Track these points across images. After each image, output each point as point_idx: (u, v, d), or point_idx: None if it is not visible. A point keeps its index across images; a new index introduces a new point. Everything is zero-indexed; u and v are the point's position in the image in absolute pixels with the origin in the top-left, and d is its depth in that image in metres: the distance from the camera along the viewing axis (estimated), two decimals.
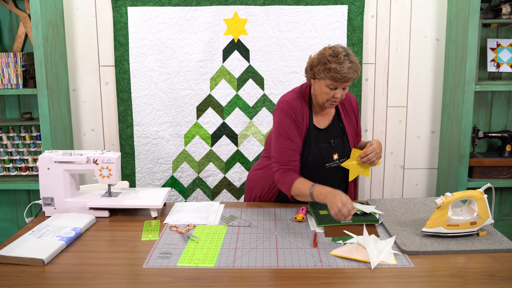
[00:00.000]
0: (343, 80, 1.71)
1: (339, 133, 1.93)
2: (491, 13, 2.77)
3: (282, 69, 2.96)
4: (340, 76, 1.70)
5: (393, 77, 3.04)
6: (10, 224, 3.13)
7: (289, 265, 1.42)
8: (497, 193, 3.08)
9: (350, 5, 2.90)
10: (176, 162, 3.07)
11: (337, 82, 1.73)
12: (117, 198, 1.87)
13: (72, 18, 2.97)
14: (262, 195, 2.04)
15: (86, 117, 3.09)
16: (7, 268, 1.42)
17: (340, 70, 1.69)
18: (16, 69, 2.74)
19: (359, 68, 1.76)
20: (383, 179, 3.17)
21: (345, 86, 1.76)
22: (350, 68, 1.70)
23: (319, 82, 1.78)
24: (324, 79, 1.75)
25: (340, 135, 1.94)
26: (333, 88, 1.75)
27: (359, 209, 1.78)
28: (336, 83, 1.73)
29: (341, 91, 1.76)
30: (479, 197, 1.59)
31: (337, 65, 1.69)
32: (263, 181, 2.03)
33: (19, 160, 2.94)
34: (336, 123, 1.94)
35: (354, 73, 1.72)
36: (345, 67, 1.69)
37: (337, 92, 1.75)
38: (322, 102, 1.81)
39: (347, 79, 1.71)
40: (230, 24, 2.92)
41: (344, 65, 1.70)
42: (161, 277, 1.35)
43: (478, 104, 3.00)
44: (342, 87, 1.76)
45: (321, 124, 1.91)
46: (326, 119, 1.93)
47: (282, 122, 1.84)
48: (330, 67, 1.71)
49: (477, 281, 1.32)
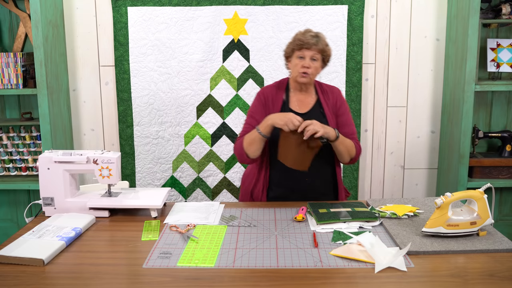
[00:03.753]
0: (306, 46, 1.92)
1: (319, 119, 1.96)
2: (491, 13, 2.77)
3: (282, 69, 2.96)
4: (302, 42, 1.93)
5: (393, 77, 3.04)
6: (10, 224, 3.13)
7: (289, 265, 1.42)
8: (497, 193, 3.08)
9: (350, 5, 2.90)
10: (176, 162, 3.07)
11: (302, 50, 1.93)
12: (117, 198, 1.87)
13: (72, 18, 2.97)
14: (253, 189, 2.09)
15: (86, 117, 3.09)
16: (7, 268, 1.42)
17: (302, 38, 1.94)
18: (16, 69, 2.74)
19: (326, 43, 1.97)
20: (383, 179, 3.17)
21: (312, 56, 1.93)
22: (312, 36, 1.93)
23: (291, 60, 2.00)
24: (293, 53, 1.97)
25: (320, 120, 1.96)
26: (301, 57, 1.95)
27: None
28: (301, 51, 1.94)
29: (309, 61, 1.94)
30: (479, 197, 1.59)
31: (300, 36, 1.96)
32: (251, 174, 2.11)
33: (19, 160, 2.94)
34: (317, 109, 2.04)
35: (318, 43, 1.93)
36: (307, 35, 1.94)
37: (305, 62, 1.94)
38: (295, 77, 1.98)
39: (309, 45, 1.92)
40: (230, 24, 2.92)
41: (307, 34, 1.95)
42: (161, 277, 1.35)
43: (478, 104, 3.00)
44: (308, 56, 1.94)
45: (302, 109, 2.04)
46: (306, 105, 2.05)
47: (252, 105, 2.08)
48: (295, 38, 1.98)
49: (477, 281, 1.32)
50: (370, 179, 3.17)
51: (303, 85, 2.02)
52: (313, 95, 2.07)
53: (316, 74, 1.99)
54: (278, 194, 2.05)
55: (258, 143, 1.92)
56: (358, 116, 3.01)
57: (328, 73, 2.95)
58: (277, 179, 2.05)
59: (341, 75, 2.96)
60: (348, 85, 2.97)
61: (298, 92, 2.06)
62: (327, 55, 1.99)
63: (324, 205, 1.84)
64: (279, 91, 2.06)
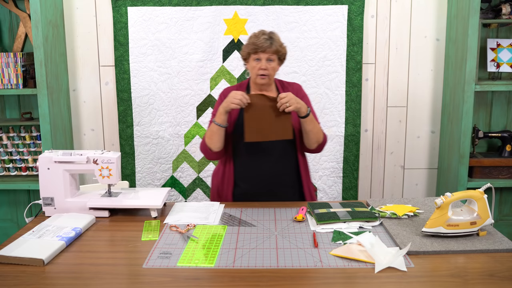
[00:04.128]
0: (260, 49, 1.96)
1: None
2: (491, 13, 2.77)
3: (282, 69, 2.94)
4: (257, 46, 1.96)
5: (393, 77, 3.04)
6: (10, 224, 3.13)
7: (289, 265, 1.42)
8: (497, 193, 3.08)
9: (350, 5, 2.90)
10: (176, 162, 3.07)
11: (257, 53, 1.97)
12: (117, 198, 1.86)
13: (72, 18, 2.97)
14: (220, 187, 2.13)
15: (86, 117, 3.09)
16: (7, 268, 1.42)
17: (256, 41, 1.98)
18: (16, 69, 2.74)
19: (280, 43, 2.02)
20: (383, 179, 3.17)
21: (268, 57, 1.98)
22: (266, 39, 1.97)
23: (249, 62, 2.04)
24: (250, 56, 2.01)
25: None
26: (257, 59, 1.99)
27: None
28: (257, 54, 1.98)
29: (265, 63, 1.98)
30: (479, 197, 1.59)
31: (254, 39, 2.00)
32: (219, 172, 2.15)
33: (19, 160, 2.94)
34: None
35: (272, 45, 1.97)
36: (261, 38, 1.97)
37: (262, 64, 1.98)
38: (254, 79, 2.03)
39: (263, 49, 1.96)
40: (230, 24, 2.92)
41: (260, 37, 1.98)
42: (161, 277, 1.35)
43: (478, 104, 3.00)
44: (264, 57, 1.98)
45: None
46: None
47: (215, 106, 2.11)
48: (249, 41, 2.02)
49: (477, 281, 1.32)
50: (370, 179, 3.17)
51: (263, 85, 2.07)
52: (274, 92, 2.12)
53: (274, 73, 2.05)
54: (245, 190, 2.08)
55: (217, 134, 1.97)
56: (358, 116, 3.01)
57: (328, 73, 2.96)
58: (241, 174, 2.08)
59: (341, 75, 2.96)
60: (348, 85, 2.97)
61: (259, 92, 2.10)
62: (282, 54, 2.05)
63: (324, 205, 1.84)
64: (240, 90, 2.10)
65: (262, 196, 2.03)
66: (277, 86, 2.14)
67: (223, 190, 2.12)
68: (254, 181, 2.07)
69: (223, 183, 2.12)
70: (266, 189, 2.06)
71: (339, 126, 3.02)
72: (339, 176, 3.08)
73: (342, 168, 3.07)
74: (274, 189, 2.07)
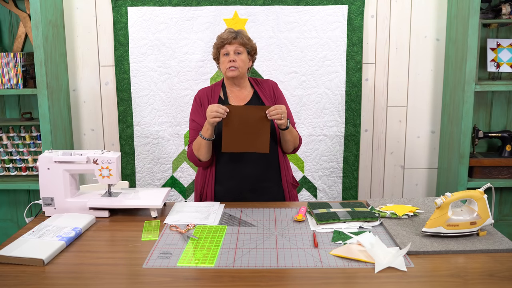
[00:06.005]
0: (226, 42, 2.03)
1: None
2: (491, 13, 2.77)
3: (282, 69, 2.96)
4: (223, 39, 2.04)
5: (393, 77, 3.04)
6: (10, 224, 3.13)
7: (289, 265, 1.42)
8: (497, 193, 3.08)
9: (350, 5, 2.90)
10: (176, 162, 3.07)
11: (225, 47, 2.04)
12: (117, 198, 1.87)
13: (72, 18, 2.97)
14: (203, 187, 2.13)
15: (86, 117, 3.09)
16: (7, 268, 1.42)
17: (222, 35, 2.07)
18: (16, 69, 2.74)
19: (248, 37, 2.08)
20: (383, 179, 3.17)
21: (235, 49, 2.03)
22: (231, 32, 2.05)
23: (220, 59, 2.09)
24: (219, 53, 2.08)
25: None
26: (226, 54, 2.05)
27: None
28: (224, 47, 2.04)
29: (233, 55, 2.03)
30: (479, 197, 1.59)
31: (221, 34, 2.08)
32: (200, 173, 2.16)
33: (19, 160, 2.94)
34: (255, 100, 2.13)
35: (237, 36, 2.04)
36: (226, 32, 2.06)
37: (230, 56, 2.03)
38: (225, 73, 2.07)
39: (229, 40, 2.03)
40: (230, 24, 2.92)
41: (226, 31, 2.07)
42: (161, 277, 1.35)
43: (478, 104, 3.00)
44: (232, 50, 2.03)
45: (240, 103, 2.11)
46: (244, 98, 2.13)
47: (191, 109, 2.16)
48: (217, 38, 2.10)
49: (477, 281, 1.32)
50: (370, 179, 3.17)
51: (236, 80, 2.09)
52: (249, 88, 2.15)
53: (244, 66, 2.07)
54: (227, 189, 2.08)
55: (204, 147, 2.00)
56: (358, 116, 3.01)
57: (328, 73, 2.96)
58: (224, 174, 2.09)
59: (341, 75, 2.96)
60: (348, 85, 2.97)
61: (233, 89, 2.13)
62: (251, 48, 2.10)
63: (324, 205, 1.84)
64: (215, 90, 2.14)
65: (245, 194, 2.06)
66: (251, 82, 2.17)
67: (205, 188, 2.12)
68: (235, 180, 2.07)
69: (205, 182, 2.12)
70: (248, 187, 2.07)
71: (339, 126, 3.02)
72: (339, 176, 3.08)
73: (342, 168, 3.07)
74: (256, 187, 2.07)
